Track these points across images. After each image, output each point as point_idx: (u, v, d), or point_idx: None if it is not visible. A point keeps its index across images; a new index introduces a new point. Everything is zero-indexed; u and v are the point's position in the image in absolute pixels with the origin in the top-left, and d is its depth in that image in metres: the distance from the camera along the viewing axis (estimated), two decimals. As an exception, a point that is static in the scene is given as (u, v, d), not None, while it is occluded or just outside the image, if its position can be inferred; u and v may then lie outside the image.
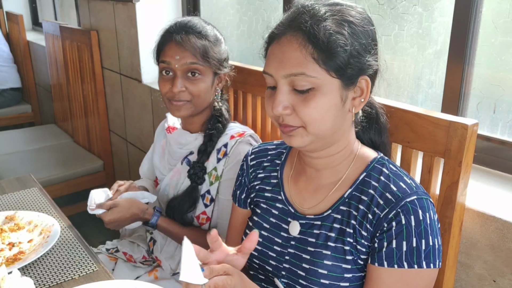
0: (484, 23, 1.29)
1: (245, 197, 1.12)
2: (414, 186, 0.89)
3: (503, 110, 1.32)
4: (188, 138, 1.42)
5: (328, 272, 0.90)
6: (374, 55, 0.88)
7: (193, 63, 1.29)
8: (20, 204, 1.44)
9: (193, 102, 1.33)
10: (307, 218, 0.96)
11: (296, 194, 1.01)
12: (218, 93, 1.42)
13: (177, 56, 1.29)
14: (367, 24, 0.87)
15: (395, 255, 0.84)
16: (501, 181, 1.25)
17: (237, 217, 1.15)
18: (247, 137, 1.36)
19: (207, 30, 1.34)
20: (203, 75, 1.32)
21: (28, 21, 4.81)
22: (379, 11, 1.59)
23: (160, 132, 1.60)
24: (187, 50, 1.29)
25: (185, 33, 1.30)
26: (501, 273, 1.09)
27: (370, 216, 0.88)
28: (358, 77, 0.87)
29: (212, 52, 1.32)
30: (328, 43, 0.81)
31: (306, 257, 0.94)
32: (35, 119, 4.24)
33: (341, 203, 0.93)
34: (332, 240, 0.91)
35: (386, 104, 1.09)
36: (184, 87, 1.30)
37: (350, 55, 0.83)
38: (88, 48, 2.86)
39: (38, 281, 1.07)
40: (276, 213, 1.02)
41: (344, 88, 0.86)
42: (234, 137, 1.35)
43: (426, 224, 0.84)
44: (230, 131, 1.38)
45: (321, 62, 0.82)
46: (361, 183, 0.93)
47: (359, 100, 0.89)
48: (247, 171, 1.12)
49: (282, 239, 0.99)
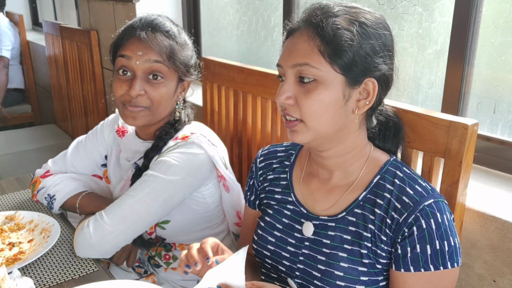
0: (484, 23, 1.29)
1: (254, 199, 1.12)
2: (430, 189, 0.89)
3: (503, 110, 1.32)
4: (139, 147, 1.29)
5: (344, 274, 0.90)
6: (384, 59, 0.87)
7: (157, 61, 1.16)
8: (20, 204, 1.44)
9: (151, 109, 1.19)
10: (321, 219, 0.97)
11: (308, 195, 1.01)
12: (180, 102, 1.27)
13: (139, 51, 1.15)
14: (381, 28, 0.87)
15: (421, 260, 0.85)
16: (501, 181, 1.25)
17: (248, 218, 1.16)
18: (191, 139, 1.20)
19: (175, 31, 1.22)
20: (166, 78, 1.18)
21: (28, 21, 4.81)
22: (379, 11, 1.58)
23: (109, 135, 1.41)
24: (152, 47, 1.15)
25: (151, 30, 1.18)
26: (501, 273, 1.09)
27: (389, 220, 0.88)
28: (364, 77, 0.86)
29: (179, 54, 1.20)
30: (334, 37, 0.83)
31: (321, 258, 0.94)
32: (35, 119, 4.25)
33: (356, 206, 0.93)
34: (348, 242, 0.92)
35: (386, 104, 1.09)
36: (144, 91, 1.16)
37: (356, 53, 0.84)
38: (88, 48, 2.86)
39: (38, 281, 1.07)
40: (288, 214, 1.02)
41: (348, 86, 0.86)
42: (177, 138, 1.22)
43: (445, 225, 0.85)
44: (179, 133, 1.25)
45: (327, 55, 0.83)
46: (375, 186, 0.93)
47: (364, 102, 0.88)
48: (256, 173, 1.12)
49: (296, 239, 0.99)
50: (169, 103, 1.23)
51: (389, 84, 0.91)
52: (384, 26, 0.89)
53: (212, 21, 2.44)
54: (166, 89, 1.20)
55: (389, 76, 0.90)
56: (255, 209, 1.13)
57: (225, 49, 2.37)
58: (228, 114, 1.70)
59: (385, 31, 0.88)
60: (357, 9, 0.88)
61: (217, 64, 1.72)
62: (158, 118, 1.24)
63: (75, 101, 3.24)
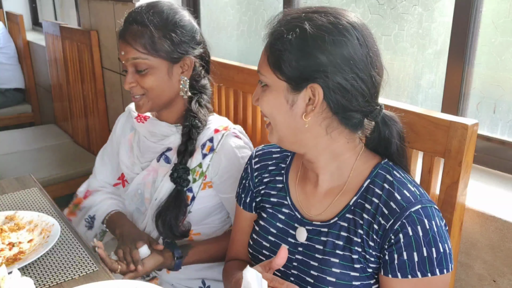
0: (484, 23, 1.29)
1: (250, 201, 1.12)
2: (419, 194, 0.88)
3: (503, 110, 1.32)
4: (164, 129, 1.33)
5: (336, 280, 0.90)
6: (336, 65, 0.84)
7: (135, 58, 1.21)
8: (20, 204, 1.44)
9: (148, 96, 1.25)
10: (314, 224, 0.96)
11: (303, 199, 1.01)
12: (185, 82, 1.28)
13: (122, 51, 1.23)
14: (336, 35, 0.84)
15: (408, 266, 0.85)
16: (501, 181, 1.25)
17: (242, 220, 1.15)
18: (232, 130, 1.29)
19: (155, 16, 1.22)
20: (151, 68, 1.22)
21: (28, 21, 4.81)
22: (379, 11, 1.59)
23: (124, 125, 1.48)
24: (129, 44, 1.21)
25: (128, 24, 1.23)
26: (501, 273, 1.09)
27: (376, 226, 0.88)
28: (306, 83, 0.86)
29: (160, 41, 1.21)
30: (273, 46, 0.89)
31: (314, 264, 0.94)
32: (35, 119, 4.24)
33: (347, 211, 0.93)
34: (339, 248, 0.91)
35: (386, 104, 1.09)
36: (135, 82, 1.24)
37: (294, 60, 0.86)
38: (88, 48, 2.86)
39: (38, 281, 1.07)
40: (282, 218, 1.02)
41: (291, 92, 0.88)
42: (219, 130, 1.28)
43: (433, 232, 0.84)
44: (212, 124, 1.30)
45: (271, 64, 0.90)
46: (365, 190, 0.92)
47: (311, 108, 0.88)
48: (251, 175, 1.11)
49: (290, 245, 0.99)
50: (167, 86, 1.26)
51: (349, 89, 0.86)
52: (342, 33, 0.84)
53: (212, 21, 2.44)
54: (155, 77, 1.23)
55: (348, 82, 0.85)
56: (251, 212, 1.12)
57: (225, 49, 2.37)
58: (228, 114, 1.70)
59: (342, 37, 0.84)
60: (310, 15, 0.86)
61: (217, 64, 1.71)
62: (160, 102, 1.28)
63: (75, 101, 3.23)
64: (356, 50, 0.85)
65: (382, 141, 0.96)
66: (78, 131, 3.27)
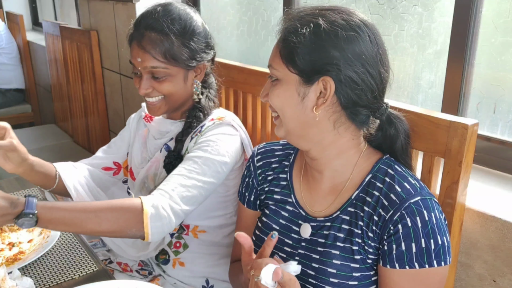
0: (484, 23, 1.29)
1: (254, 199, 1.12)
2: (419, 187, 0.89)
3: (503, 110, 1.32)
4: (169, 126, 1.36)
5: (337, 271, 0.91)
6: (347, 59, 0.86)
7: (154, 67, 1.20)
8: (20, 204, 1.43)
9: (166, 99, 1.26)
10: (318, 220, 0.97)
11: (307, 197, 1.02)
12: (198, 85, 1.30)
13: (138, 58, 1.21)
14: (348, 30, 0.86)
15: (406, 257, 0.86)
16: (501, 181, 1.25)
17: (246, 218, 1.15)
18: (228, 121, 1.28)
19: (174, 23, 1.21)
20: (169, 75, 1.23)
21: (28, 21, 4.81)
22: (379, 11, 1.59)
23: (138, 121, 1.49)
24: (147, 52, 1.19)
25: (145, 30, 1.21)
26: (501, 273, 1.09)
27: (376, 218, 0.89)
28: (318, 76, 0.87)
29: (179, 50, 1.21)
30: (286, 40, 0.89)
31: (315, 257, 0.95)
32: (35, 119, 4.25)
33: (349, 205, 0.94)
34: (340, 240, 0.93)
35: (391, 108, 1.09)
36: (151, 88, 1.24)
37: (307, 54, 0.87)
38: (88, 48, 2.86)
39: (38, 281, 1.07)
40: (286, 215, 1.03)
41: (302, 85, 0.89)
42: (213, 119, 1.28)
43: (432, 223, 0.85)
44: (212, 115, 1.31)
45: (283, 57, 0.90)
46: (367, 184, 0.94)
47: (322, 101, 0.89)
48: (254, 173, 1.11)
49: (293, 240, 1.00)
50: (183, 91, 1.28)
51: (359, 84, 0.88)
52: (355, 29, 0.87)
53: (212, 21, 2.44)
54: (172, 84, 1.24)
55: (359, 76, 0.87)
56: (255, 210, 1.13)
57: (225, 49, 2.37)
58: (228, 114, 1.70)
59: (355, 33, 0.86)
60: (324, 12, 0.89)
61: (217, 64, 1.71)
62: (176, 105, 1.30)
63: (75, 101, 3.24)
64: (367, 46, 0.88)
65: (387, 139, 0.97)
66: (78, 131, 3.27)
